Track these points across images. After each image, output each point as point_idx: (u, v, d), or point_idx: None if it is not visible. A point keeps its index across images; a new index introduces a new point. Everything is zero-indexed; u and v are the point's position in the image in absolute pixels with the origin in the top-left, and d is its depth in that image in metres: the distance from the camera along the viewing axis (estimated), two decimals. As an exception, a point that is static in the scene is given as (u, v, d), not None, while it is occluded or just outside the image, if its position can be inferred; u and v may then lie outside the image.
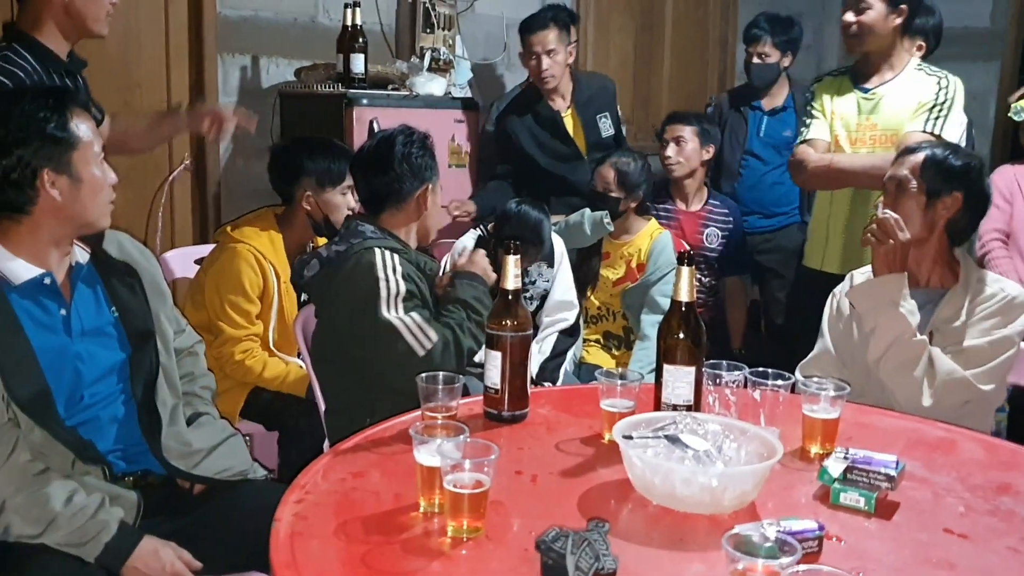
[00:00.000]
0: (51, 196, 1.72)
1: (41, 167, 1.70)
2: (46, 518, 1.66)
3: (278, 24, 4.01)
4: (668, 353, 1.73)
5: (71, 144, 1.73)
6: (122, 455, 1.86)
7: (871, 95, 2.96)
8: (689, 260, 1.72)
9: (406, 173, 2.32)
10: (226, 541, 1.83)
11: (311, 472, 1.56)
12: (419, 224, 2.40)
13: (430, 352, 2.16)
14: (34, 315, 1.75)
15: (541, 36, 3.69)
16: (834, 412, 1.74)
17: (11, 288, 1.72)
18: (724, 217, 3.81)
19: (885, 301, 2.15)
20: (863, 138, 2.96)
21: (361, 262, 2.22)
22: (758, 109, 4.11)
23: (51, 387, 1.73)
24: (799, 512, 1.44)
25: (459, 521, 1.34)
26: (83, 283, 1.84)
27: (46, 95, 1.75)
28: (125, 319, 1.87)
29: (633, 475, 1.49)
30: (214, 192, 3.91)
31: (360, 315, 2.19)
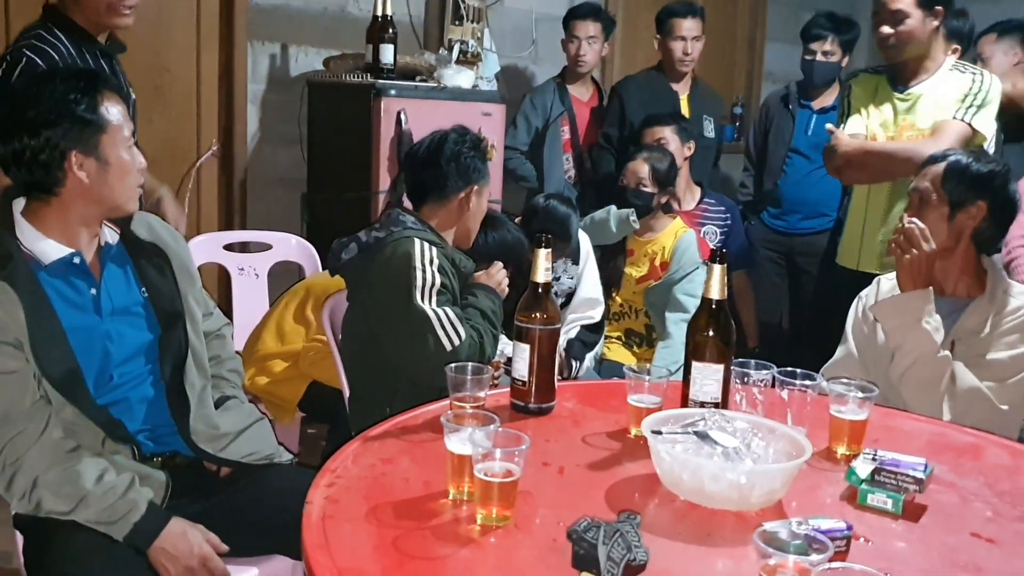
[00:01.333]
0: (79, 178, 1.73)
1: (69, 149, 1.71)
2: (77, 495, 1.68)
3: (308, 13, 4.03)
4: (697, 350, 1.74)
5: (100, 127, 1.73)
6: (150, 435, 1.87)
7: (908, 95, 2.95)
8: (722, 258, 1.72)
9: (452, 171, 2.35)
10: (252, 524, 1.85)
11: (341, 457, 1.57)
12: (460, 225, 2.41)
13: (457, 349, 2.18)
14: (64, 294, 1.76)
15: (689, 23, 4.01)
16: (862, 414, 1.73)
17: (41, 268, 1.74)
18: (721, 215, 3.80)
19: (910, 319, 2.12)
20: (900, 137, 2.94)
21: (399, 250, 2.24)
22: (807, 107, 4.10)
23: (81, 365, 1.75)
24: (826, 512, 1.44)
25: (489, 509, 1.35)
26: (113, 263, 1.85)
27: (78, 77, 1.76)
28: (154, 299, 1.88)
29: (661, 470, 1.50)
30: (240, 179, 3.94)
31: (393, 302, 2.21)
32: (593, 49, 4.12)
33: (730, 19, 5.73)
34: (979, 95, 2.86)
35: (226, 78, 3.89)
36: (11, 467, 1.68)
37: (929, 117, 2.91)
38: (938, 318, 2.13)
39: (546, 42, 4.65)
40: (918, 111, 2.93)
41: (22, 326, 1.68)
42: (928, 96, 2.92)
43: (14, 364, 1.68)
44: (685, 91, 4.13)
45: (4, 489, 1.70)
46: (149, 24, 3.65)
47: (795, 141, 4.09)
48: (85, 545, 1.70)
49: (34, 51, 2.32)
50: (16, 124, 1.70)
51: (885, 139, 2.97)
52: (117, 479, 1.72)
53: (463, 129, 2.41)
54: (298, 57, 4.03)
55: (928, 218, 2.22)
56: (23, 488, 1.68)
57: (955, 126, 2.86)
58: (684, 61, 4.05)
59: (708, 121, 4.14)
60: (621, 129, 4.01)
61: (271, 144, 4.00)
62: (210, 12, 3.83)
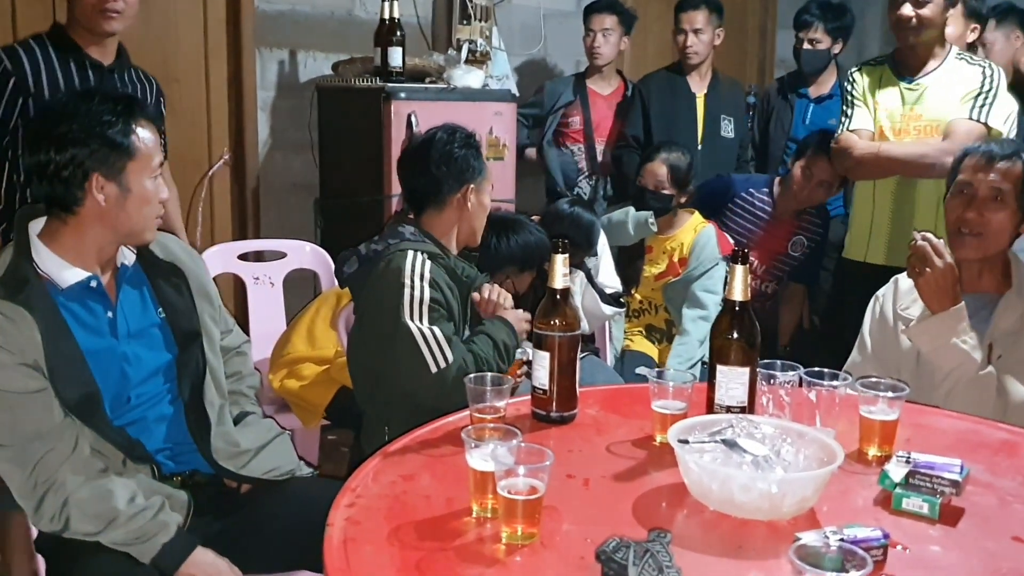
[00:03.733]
0: (97, 201, 1.70)
1: (92, 170, 1.68)
2: (108, 515, 1.66)
3: (315, 18, 4.00)
4: (721, 353, 1.70)
5: (128, 153, 1.70)
6: (170, 455, 1.86)
7: (915, 85, 2.92)
8: (743, 259, 1.68)
9: (445, 174, 2.28)
10: (275, 540, 1.83)
11: (361, 475, 1.55)
12: (462, 225, 2.36)
13: (443, 372, 2.13)
14: (81, 318, 1.74)
15: (690, 15, 3.94)
16: (892, 414, 1.69)
17: (58, 291, 1.72)
18: (816, 227, 3.69)
19: (944, 340, 2.04)
20: (907, 128, 2.92)
21: (391, 265, 2.20)
22: (805, 96, 4.05)
23: (100, 388, 1.73)
24: (860, 518, 1.41)
25: (513, 527, 1.32)
26: (129, 284, 1.83)
27: (116, 100, 1.73)
28: (172, 319, 1.86)
29: (689, 480, 1.46)
30: (253, 187, 3.92)
31: (383, 318, 2.18)
32: (609, 42, 4.08)
33: (741, 7, 5.66)
34: (990, 92, 2.83)
35: (235, 86, 3.87)
36: (43, 485, 1.66)
37: (937, 108, 2.88)
38: (974, 335, 2.04)
39: (556, 38, 4.61)
40: (925, 102, 2.90)
41: (40, 350, 1.66)
42: (935, 87, 2.89)
43: (37, 384, 1.66)
44: (702, 90, 4.06)
45: (33, 509, 1.68)
46: (157, 34, 3.64)
47: (794, 130, 4.04)
48: (109, 569, 1.68)
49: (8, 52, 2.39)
50: (46, 136, 1.69)
51: (891, 130, 2.93)
52: (148, 501, 1.70)
53: (451, 127, 2.35)
54: (307, 62, 4.00)
55: (995, 217, 2.13)
56: (53, 507, 1.66)
57: (970, 127, 2.83)
58: (687, 54, 4.00)
59: (727, 121, 4.08)
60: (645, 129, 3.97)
61: (282, 151, 3.97)
62: (217, 20, 3.81)
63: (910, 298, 2.21)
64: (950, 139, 2.83)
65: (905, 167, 2.88)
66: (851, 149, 2.95)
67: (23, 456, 1.65)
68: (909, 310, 2.22)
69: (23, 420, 1.65)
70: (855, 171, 3.06)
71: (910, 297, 2.22)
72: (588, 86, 4.21)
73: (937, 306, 2.07)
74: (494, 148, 3.90)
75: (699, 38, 3.96)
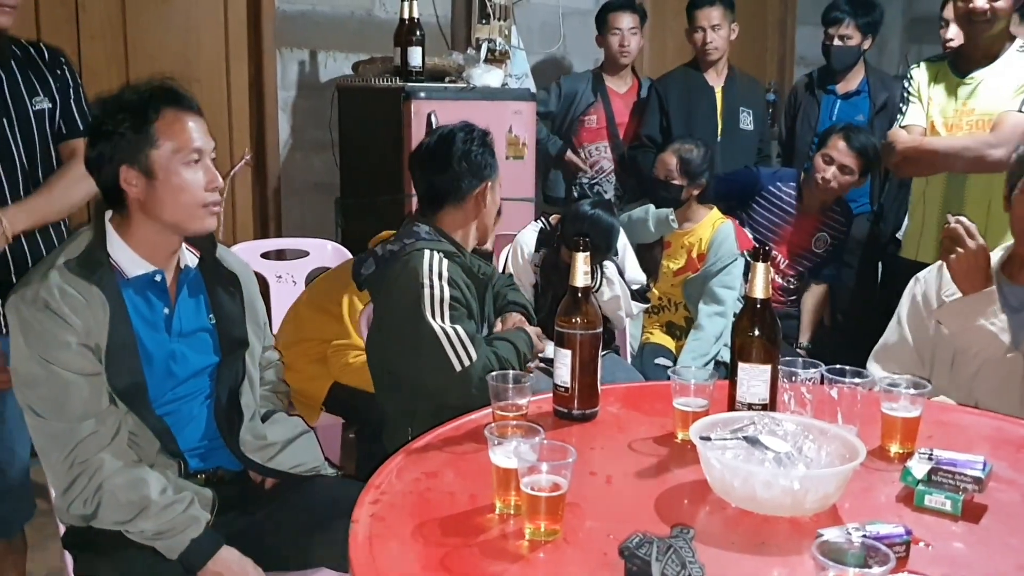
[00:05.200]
0: (133, 193, 1.74)
1: (120, 163, 1.72)
2: (140, 504, 1.68)
3: (335, 18, 4.03)
4: (743, 351, 1.70)
5: (150, 141, 1.72)
6: (197, 453, 1.88)
7: (969, 80, 2.89)
8: (765, 256, 1.69)
9: (465, 171, 2.29)
10: (298, 538, 1.85)
11: (385, 472, 1.56)
12: (478, 223, 2.37)
13: (467, 370, 2.14)
14: (140, 309, 1.79)
15: (707, 11, 3.96)
16: (915, 411, 1.69)
17: (124, 280, 1.77)
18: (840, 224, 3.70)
19: (971, 321, 2.03)
20: (959, 124, 2.88)
21: (409, 265, 2.20)
22: (832, 92, 4.04)
23: (147, 379, 1.77)
24: (882, 514, 1.41)
25: (536, 524, 1.33)
26: (189, 286, 1.87)
27: (141, 91, 1.75)
28: (221, 326, 1.90)
29: (711, 477, 1.46)
30: (274, 187, 3.95)
31: (403, 319, 2.19)
32: (635, 40, 4.15)
33: (760, 3, 5.66)
34: None
35: (256, 86, 3.91)
36: (79, 467, 1.68)
37: (989, 102, 2.84)
38: (1003, 318, 2.03)
39: (575, 36, 4.62)
40: (979, 96, 2.86)
41: (104, 333, 1.71)
42: (989, 81, 2.86)
43: (92, 367, 1.70)
44: (720, 84, 4.08)
45: (63, 490, 1.70)
46: (178, 35, 3.68)
47: (821, 127, 4.02)
48: (134, 565, 1.71)
49: None
50: (92, 133, 1.75)
51: (943, 125, 2.91)
52: (178, 495, 1.73)
53: (468, 125, 2.35)
54: (327, 63, 4.03)
55: None
56: (85, 491, 1.68)
57: (1017, 120, 2.78)
58: (706, 51, 4.01)
59: (745, 113, 4.09)
60: (663, 127, 3.98)
61: (303, 150, 4.01)
62: (238, 21, 3.85)
63: (955, 286, 2.18)
64: (995, 132, 2.79)
65: (948, 161, 2.85)
66: (895, 144, 2.93)
67: (66, 435, 1.68)
68: (953, 297, 2.19)
69: (73, 400, 1.68)
70: (900, 167, 3.04)
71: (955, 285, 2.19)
72: (608, 86, 4.22)
73: (968, 287, 2.07)
74: (514, 147, 3.92)
75: (717, 33, 3.98)
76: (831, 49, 3.97)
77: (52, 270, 1.70)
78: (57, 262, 1.71)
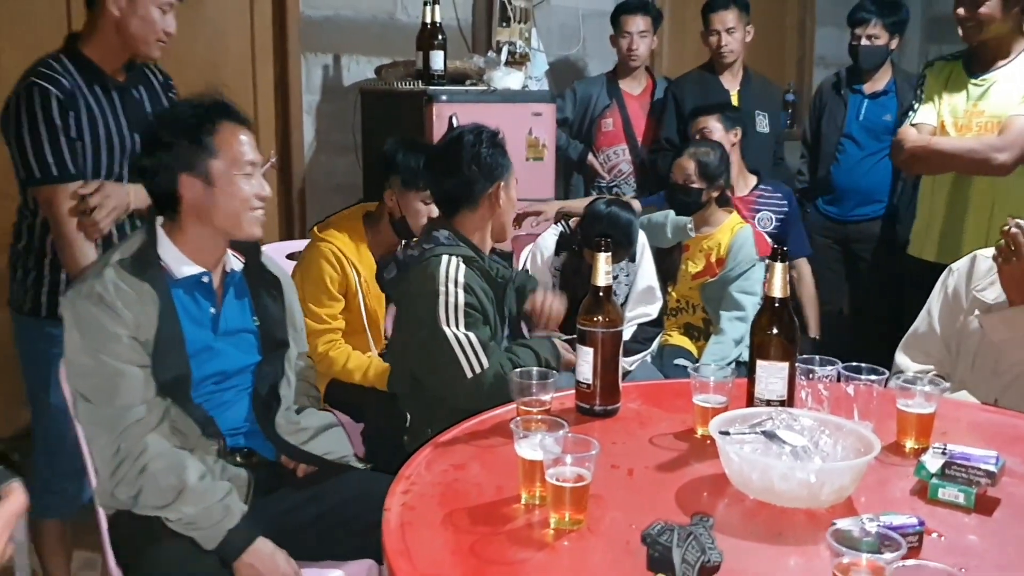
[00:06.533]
0: (190, 200, 1.84)
1: (181, 171, 1.82)
2: (179, 487, 1.75)
3: (358, 22, 4.09)
4: (761, 349, 1.74)
5: (211, 152, 1.83)
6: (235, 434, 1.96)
7: (981, 81, 2.92)
8: (782, 256, 1.73)
9: (476, 174, 2.31)
10: (331, 529, 1.91)
11: (414, 464, 1.62)
12: (494, 222, 2.39)
13: (478, 377, 2.18)
14: (188, 308, 1.88)
15: (722, 15, 3.99)
16: (929, 407, 1.73)
17: (173, 280, 1.86)
18: (778, 201, 3.76)
19: (1019, 335, 2.02)
20: (969, 124, 2.91)
21: (427, 270, 2.25)
22: (859, 92, 4.06)
23: (192, 373, 1.85)
24: (896, 507, 1.45)
25: (561, 513, 1.38)
26: (235, 288, 1.97)
27: (201, 104, 1.86)
28: (264, 328, 1.99)
29: (730, 470, 1.51)
30: (299, 188, 4.02)
31: (420, 323, 2.24)
32: (644, 43, 4.14)
33: (779, 4, 5.68)
34: None
35: (281, 90, 3.97)
36: (124, 452, 1.76)
37: (999, 104, 2.87)
38: None
39: (595, 38, 4.66)
40: (989, 97, 2.89)
41: (153, 328, 1.80)
42: (1002, 83, 2.88)
43: (141, 359, 1.79)
44: (735, 86, 4.11)
45: (109, 474, 1.78)
46: (206, 41, 3.75)
47: (847, 127, 4.05)
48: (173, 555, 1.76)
49: (45, 79, 2.24)
50: (146, 142, 1.86)
51: (953, 125, 2.93)
52: (216, 484, 1.80)
53: (477, 127, 2.38)
54: (350, 66, 4.09)
55: None
56: (128, 474, 1.75)
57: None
58: (721, 54, 4.05)
59: (761, 116, 4.11)
60: (680, 129, 4.02)
61: (327, 153, 4.07)
62: (264, 26, 3.91)
63: (987, 280, 2.18)
64: (1002, 136, 2.82)
65: (954, 162, 2.88)
66: (903, 142, 2.96)
67: (114, 422, 1.77)
68: (984, 292, 2.19)
69: (122, 389, 1.77)
70: (907, 165, 3.08)
71: (987, 279, 2.19)
72: (623, 88, 4.26)
73: (1019, 298, 2.06)
74: (534, 148, 3.97)
75: (732, 36, 4.01)
76: (858, 49, 3.99)
77: (107, 267, 1.80)
78: (111, 260, 1.81)
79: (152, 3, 2.31)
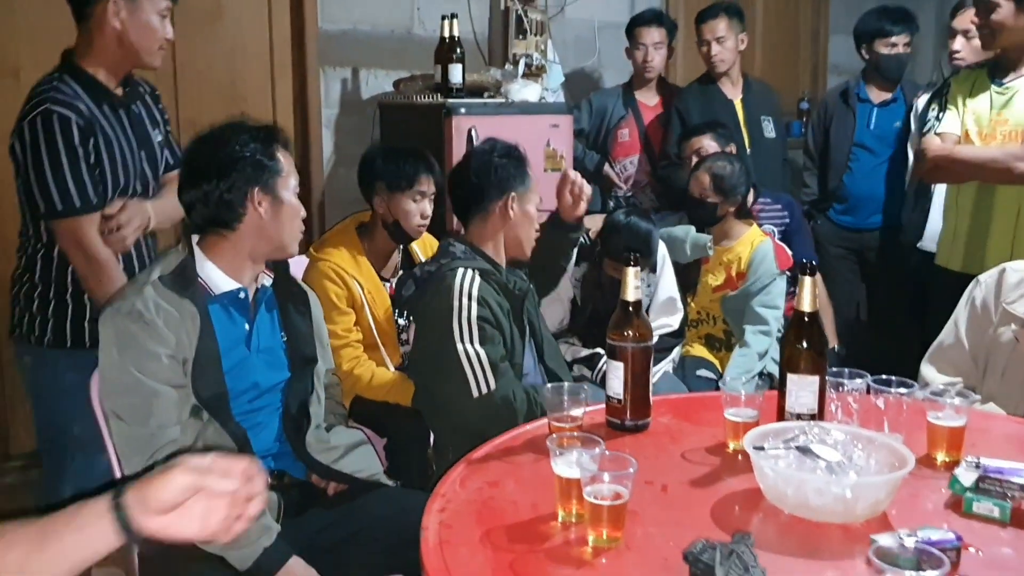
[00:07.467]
0: (258, 214, 1.88)
1: (252, 186, 1.86)
2: None
3: (376, 36, 4.12)
4: (791, 362, 1.75)
5: (276, 171, 1.89)
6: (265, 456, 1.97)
7: (1005, 89, 2.92)
8: (811, 271, 1.74)
9: (486, 183, 2.36)
10: (365, 547, 1.91)
11: (448, 481, 1.63)
12: (506, 234, 2.41)
13: (485, 398, 2.20)
14: (224, 325, 1.90)
15: (711, 25, 4.03)
16: (960, 420, 1.73)
17: (210, 297, 1.88)
18: (778, 212, 3.76)
19: None
20: (993, 133, 2.91)
21: (443, 283, 2.27)
22: (867, 101, 4.07)
23: (229, 390, 1.87)
24: (931, 520, 1.45)
25: (599, 531, 1.39)
26: (266, 304, 2.00)
27: (257, 128, 1.92)
28: (292, 344, 2.01)
29: (765, 485, 1.52)
30: (318, 200, 4.04)
31: (435, 337, 2.25)
32: (660, 54, 4.18)
33: (792, 13, 5.68)
34: None
35: (300, 104, 4.00)
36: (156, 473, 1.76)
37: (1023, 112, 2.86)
38: None
39: (610, 50, 4.68)
40: (1014, 106, 2.89)
41: (193, 346, 1.82)
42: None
43: (178, 380, 1.81)
44: (738, 95, 4.12)
45: None
46: (225, 56, 3.78)
47: (858, 136, 4.06)
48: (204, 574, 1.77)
49: (62, 105, 2.18)
50: (206, 169, 1.87)
51: (977, 134, 2.94)
52: None
53: (492, 141, 2.44)
54: (368, 80, 4.12)
55: None
56: None
57: None
58: (713, 63, 4.06)
59: (767, 121, 4.13)
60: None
61: (346, 166, 4.08)
62: (282, 40, 3.94)
63: (1018, 292, 2.17)
64: None
65: (977, 171, 2.88)
66: (927, 151, 2.97)
67: (148, 440, 1.78)
68: (1014, 305, 2.17)
69: (157, 411, 1.78)
70: (930, 174, 3.08)
71: (1018, 291, 2.18)
72: (639, 99, 4.27)
73: None
74: (552, 159, 3.98)
75: (723, 46, 4.03)
76: (884, 58, 4.00)
77: (147, 285, 1.82)
78: (151, 278, 1.84)
79: (152, 10, 2.29)
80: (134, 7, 2.26)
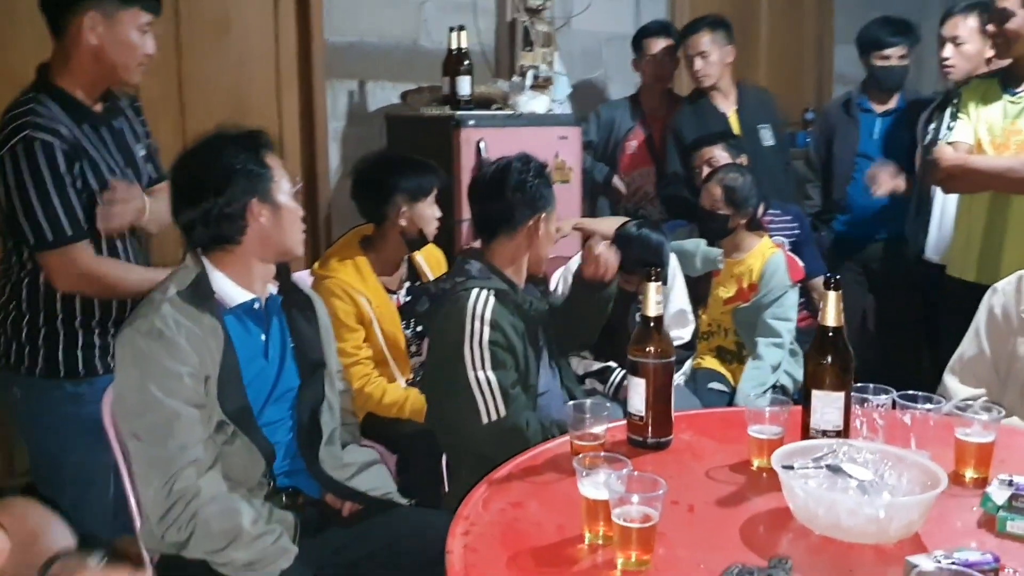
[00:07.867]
0: (260, 224, 1.85)
1: (250, 198, 1.83)
2: (233, 532, 1.73)
3: (383, 48, 4.10)
4: (816, 378, 1.72)
5: (270, 177, 1.86)
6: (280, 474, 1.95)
7: (1018, 99, 2.90)
8: (836, 285, 1.71)
9: (519, 201, 2.31)
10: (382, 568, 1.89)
11: (471, 503, 1.59)
12: (531, 253, 2.38)
13: (495, 424, 2.16)
14: (240, 336, 1.88)
15: (694, 40, 3.97)
16: (988, 436, 1.70)
17: (225, 310, 1.86)
18: (788, 223, 3.74)
19: None
20: (1007, 143, 2.89)
21: (456, 304, 2.24)
22: (869, 111, 4.04)
23: (251, 403, 1.85)
24: (965, 540, 1.43)
25: (628, 554, 1.36)
26: (276, 313, 1.98)
27: (244, 137, 1.89)
28: (300, 350, 1.99)
29: (795, 505, 1.49)
30: (325, 214, 4.02)
31: (446, 357, 2.22)
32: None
33: (797, 22, 5.67)
34: None
35: (307, 116, 3.98)
36: (176, 494, 1.73)
37: None
38: None
39: (616, 62, 4.67)
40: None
41: (216, 362, 1.79)
42: None
43: (199, 399, 1.78)
44: (731, 107, 4.06)
45: (159, 517, 1.74)
46: (231, 68, 3.76)
47: (862, 146, 4.03)
48: None
49: (44, 131, 2.08)
50: (200, 188, 1.83)
51: (990, 143, 2.92)
52: (269, 527, 1.78)
53: (526, 157, 2.38)
54: (375, 92, 4.10)
55: None
56: (180, 518, 1.72)
57: None
58: (698, 78, 4.00)
59: (765, 129, 4.06)
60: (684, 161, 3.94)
61: (353, 179, 4.07)
62: (288, 53, 3.92)
63: None
64: None
65: (992, 181, 2.86)
66: (940, 161, 2.95)
67: (168, 462, 1.74)
68: None
69: (177, 431, 1.74)
70: (944, 184, 3.05)
71: None
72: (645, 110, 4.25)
73: None
74: (560, 172, 3.96)
75: (706, 60, 3.96)
76: (879, 70, 3.98)
77: (164, 303, 1.79)
78: (168, 295, 1.80)
79: (131, 25, 2.17)
80: (112, 22, 2.16)
